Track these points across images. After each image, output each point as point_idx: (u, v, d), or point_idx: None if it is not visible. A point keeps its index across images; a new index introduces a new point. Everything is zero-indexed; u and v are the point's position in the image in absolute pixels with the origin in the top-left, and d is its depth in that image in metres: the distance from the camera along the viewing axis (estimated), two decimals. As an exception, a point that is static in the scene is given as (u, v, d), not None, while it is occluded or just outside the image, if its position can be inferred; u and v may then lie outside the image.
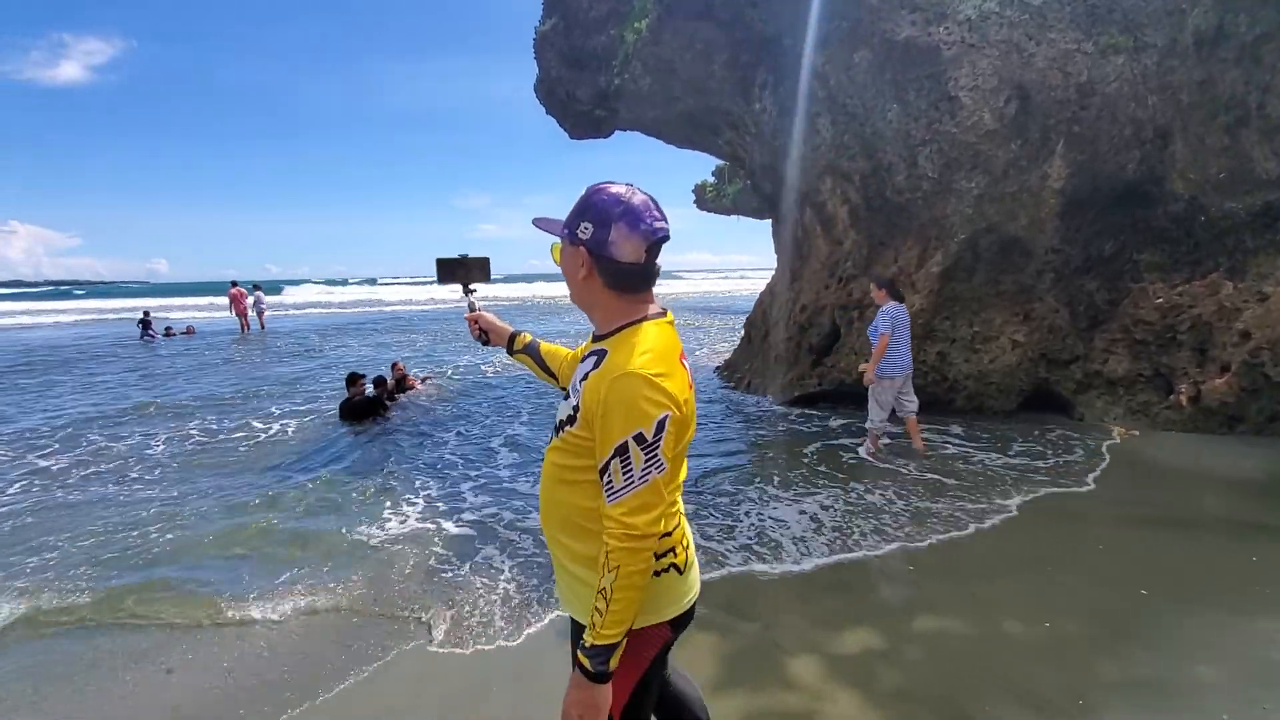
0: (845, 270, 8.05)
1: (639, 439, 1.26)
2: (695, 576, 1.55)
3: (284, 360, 13.44)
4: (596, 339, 1.46)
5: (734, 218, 33.15)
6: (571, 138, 11.51)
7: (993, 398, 6.85)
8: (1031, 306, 6.64)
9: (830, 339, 8.08)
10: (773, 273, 10.96)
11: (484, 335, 1.99)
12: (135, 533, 4.43)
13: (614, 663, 1.30)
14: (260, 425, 7.54)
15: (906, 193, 6.90)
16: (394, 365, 9.10)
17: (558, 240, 1.50)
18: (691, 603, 1.53)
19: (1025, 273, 6.55)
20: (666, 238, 1.41)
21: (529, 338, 1.94)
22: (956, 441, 6.10)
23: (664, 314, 1.46)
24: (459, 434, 7.00)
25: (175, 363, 13.20)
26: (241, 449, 6.61)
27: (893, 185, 7.03)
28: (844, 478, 5.30)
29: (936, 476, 5.21)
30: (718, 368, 10.72)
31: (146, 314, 18.85)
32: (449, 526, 4.47)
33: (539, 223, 1.54)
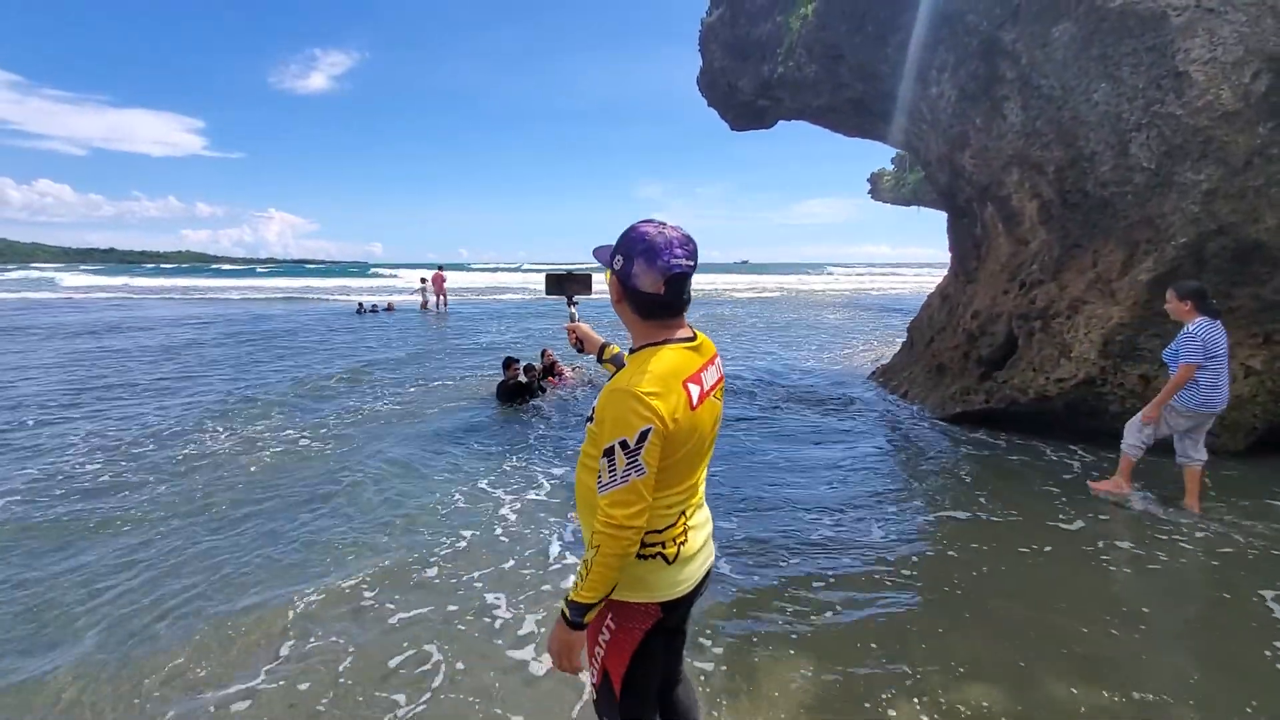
0: (1030, 274, 7.12)
1: (623, 445, 1.49)
2: (690, 572, 1.72)
3: (464, 336, 14.76)
4: (630, 354, 1.69)
5: (914, 209, 30.75)
6: (733, 129, 11.29)
7: (1215, 434, 5.68)
8: (1275, 328, 5.41)
9: (1004, 351, 7.19)
10: (945, 273, 10.03)
11: (580, 343, 2.21)
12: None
13: (589, 618, 1.56)
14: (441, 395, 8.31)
15: (1113, 186, 5.90)
16: (543, 352, 9.52)
17: (606, 269, 1.72)
18: (684, 593, 1.71)
19: (1269, 286, 5.33)
20: (684, 273, 1.60)
21: (616, 349, 2.16)
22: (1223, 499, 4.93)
23: (693, 338, 1.67)
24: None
25: (382, 333, 15.01)
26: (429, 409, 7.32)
27: (1095, 177, 6.05)
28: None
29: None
30: (873, 373, 10.01)
31: (360, 304, 22.68)
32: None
33: (596, 253, 1.76)
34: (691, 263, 1.61)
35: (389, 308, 22.18)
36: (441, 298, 22.82)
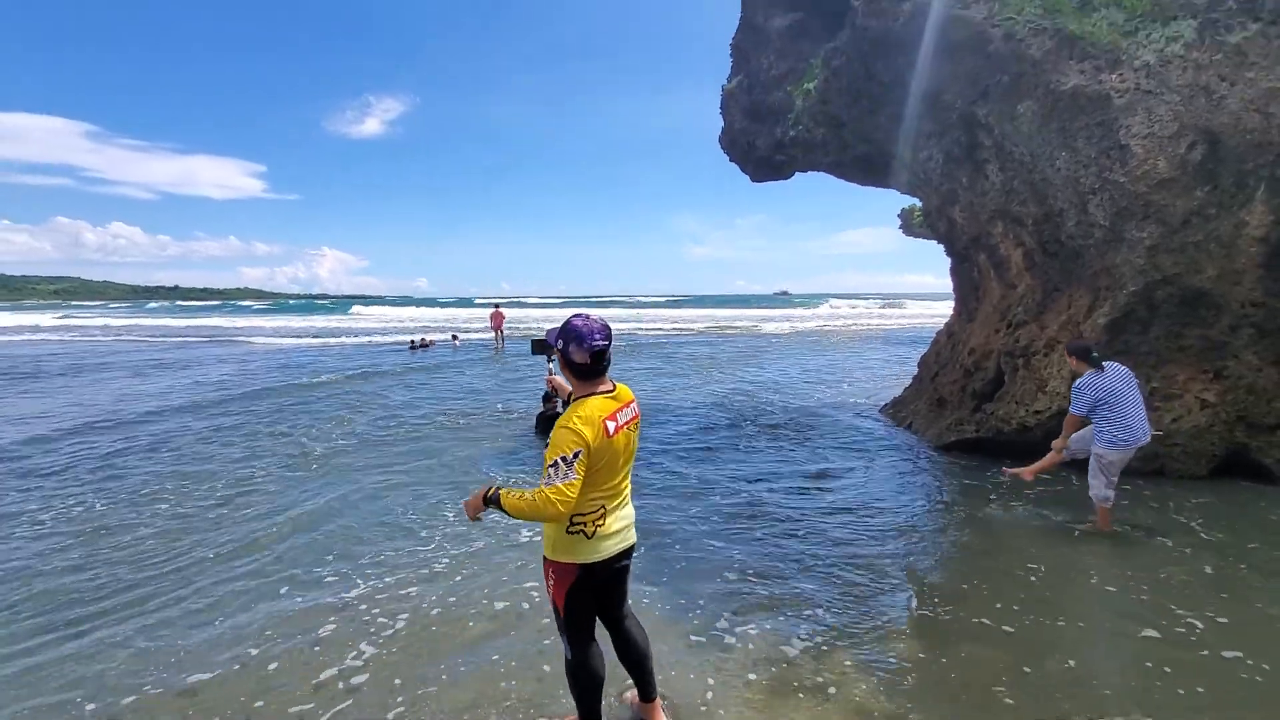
0: (1016, 315, 7.85)
1: (562, 459, 2.33)
2: (604, 547, 2.57)
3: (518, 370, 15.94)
4: (570, 401, 2.63)
5: (945, 243, 31.09)
6: (753, 180, 12.28)
7: (1177, 460, 6.30)
8: (1224, 364, 6.05)
9: (995, 385, 7.90)
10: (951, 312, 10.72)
11: (554, 390, 3.07)
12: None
13: (491, 508, 2.46)
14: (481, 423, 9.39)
15: (1079, 239, 6.67)
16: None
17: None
18: (598, 560, 2.55)
19: (1215, 328, 6.00)
20: (602, 349, 2.50)
21: None
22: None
23: (612, 390, 2.58)
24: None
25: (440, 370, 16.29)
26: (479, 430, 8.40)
27: (1066, 230, 6.83)
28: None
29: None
30: (883, 405, 10.71)
31: (412, 341, 24.44)
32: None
33: (547, 334, 2.71)
34: (607, 341, 2.52)
35: (426, 344, 23.89)
36: (499, 334, 24.04)
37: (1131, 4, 5.88)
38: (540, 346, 3.05)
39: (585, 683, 2.69)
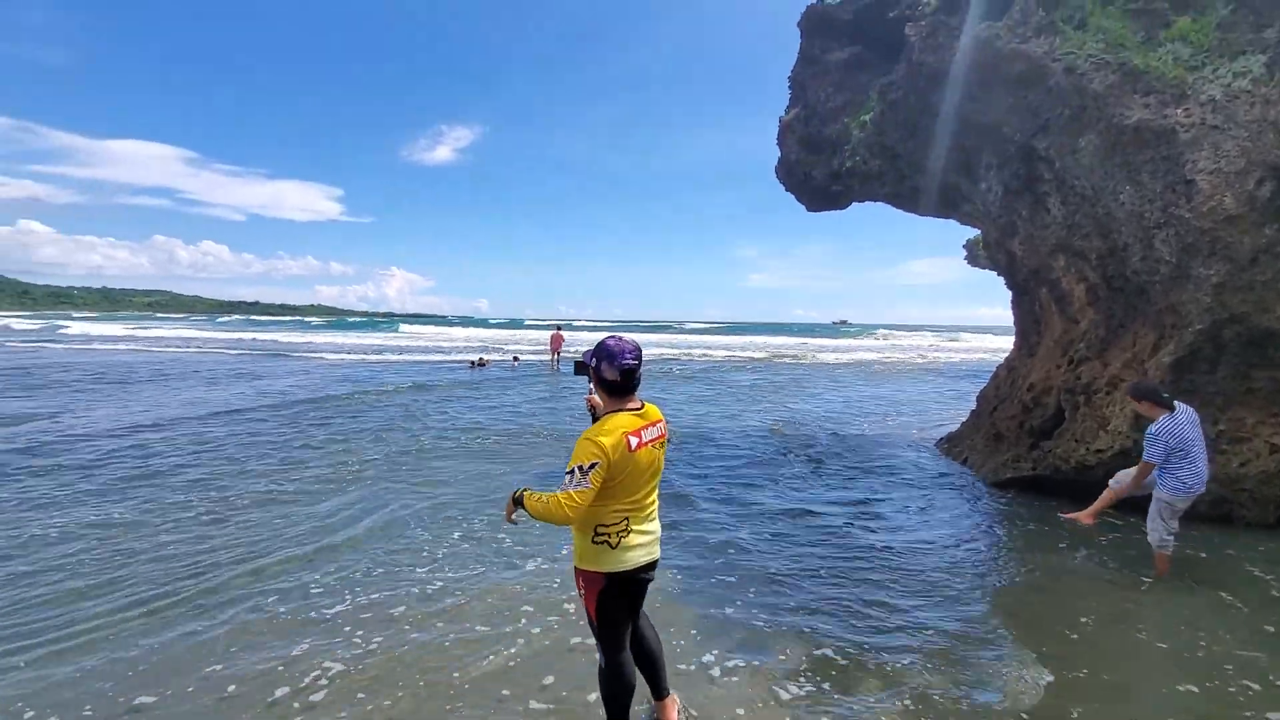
0: (1078, 351, 7.66)
1: (579, 468, 2.52)
2: (627, 558, 2.71)
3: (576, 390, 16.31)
4: (599, 417, 2.79)
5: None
6: (809, 210, 12.36)
7: (1245, 506, 6.01)
8: (1298, 408, 5.77)
9: (1054, 422, 7.70)
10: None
11: (594, 409, 3.20)
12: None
13: (519, 508, 2.70)
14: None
15: (1144, 275, 6.50)
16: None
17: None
18: (624, 570, 2.70)
19: (1290, 370, 5.75)
20: (630, 369, 2.69)
21: None
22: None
23: (640, 407, 2.77)
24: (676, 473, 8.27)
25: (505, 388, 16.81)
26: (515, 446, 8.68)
27: (1131, 265, 6.67)
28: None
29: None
30: (939, 440, 10.50)
31: (472, 361, 25.76)
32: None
33: (584, 355, 2.88)
34: (637, 361, 2.70)
35: (484, 363, 25.07)
36: (556, 356, 25.16)
37: (1198, 39, 5.80)
38: (581, 367, 3.28)
39: (617, 689, 2.83)
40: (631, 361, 2.68)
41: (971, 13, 7.08)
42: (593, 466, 2.50)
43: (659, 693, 3.10)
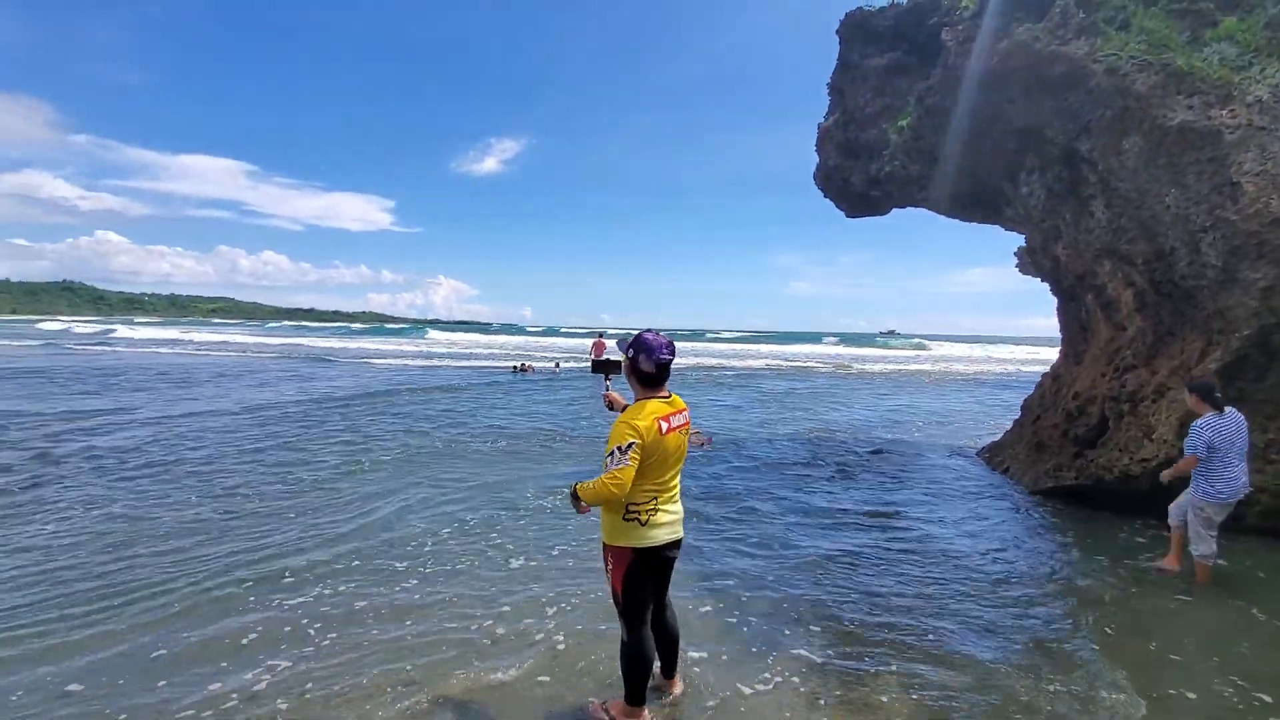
0: (1124, 359, 7.47)
1: (619, 448, 2.72)
2: (655, 534, 2.88)
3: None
4: (633, 403, 2.96)
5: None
6: (848, 217, 12.29)
7: (1303, 520, 5.77)
8: (1356, 418, 5.52)
9: (1098, 431, 7.50)
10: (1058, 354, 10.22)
11: (611, 404, 3.46)
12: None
13: (580, 503, 2.86)
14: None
15: (1191, 279, 6.32)
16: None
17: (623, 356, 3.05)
18: (649, 545, 2.87)
19: (1346, 377, 5.51)
20: (665, 363, 2.91)
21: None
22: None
23: (668, 396, 2.98)
24: (708, 480, 8.34)
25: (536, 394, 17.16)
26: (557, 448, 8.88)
27: (1178, 270, 6.49)
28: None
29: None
30: (981, 449, 10.29)
31: (515, 366, 26.48)
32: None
33: (618, 343, 3.04)
34: (671, 356, 2.92)
35: (527, 369, 25.57)
36: None
37: (1245, 39, 5.65)
38: (598, 366, 3.41)
39: (638, 665, 2.99)
40: (667, 356, 2.90)
41: (1010, 16, 7.02)
42: (630, 445, 2.70)
43: (669, 671, 3.32)
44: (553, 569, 5.16)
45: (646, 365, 2.89)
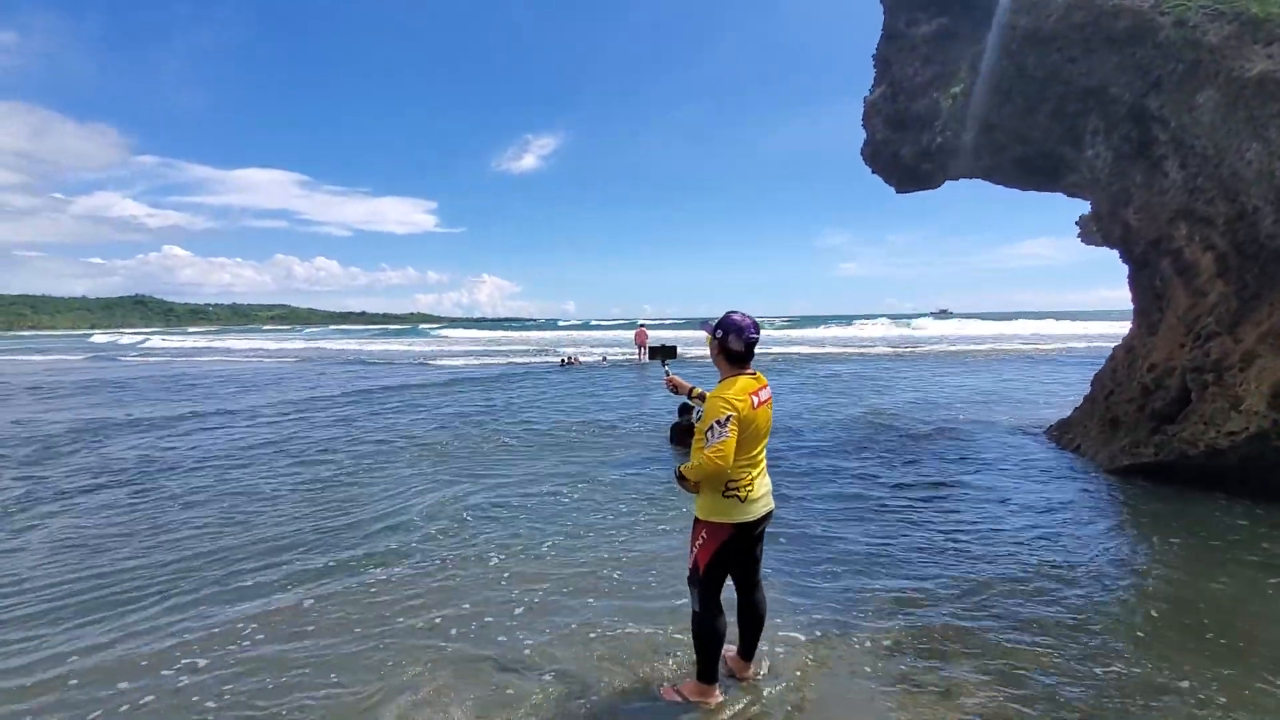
0: (1206, 326, 7.04)
1: (718, 422, 2.76)
2: (753, 509, 2.96)
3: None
4: (720, 382, 3.00)
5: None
6: (898, 192, 11.91)
7: None
8: None
9: (1178, 405, 7.11)
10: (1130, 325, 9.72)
11: (675, 388, 3.64)
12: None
13: (687, 482, 2.93)
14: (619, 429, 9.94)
15: (1278, 239, 5.93)
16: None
17: (708, 335, 3.08)
18: (748, 520, 2.94)
19: None
20: (754, 341, 2.98)
21: (700, 390, 3.50)
22: None
23: (754, 374, 3.00)
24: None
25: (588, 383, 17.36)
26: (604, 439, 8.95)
27: (1264, 230, 6.09)
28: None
29: None
30: (1049, 427, 9.90)
31: (563, 358, 27.13)
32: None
33: (704, 325, 3.12)
34: (758, 335, 2.99)
35: (574, 362, 25.99)
36: (642, 349, 26.98)
37: (1334, -25, 5.23)
38: (658, 353, 3.41)
39: (710, 638, 3.02)
40: (755, 335, 2.98)
41: (1068, -30, 6.67)
42: (728, 419, 2.75)
43: (747, 653, 3.32)
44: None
45: (736, 344, 2.95)
